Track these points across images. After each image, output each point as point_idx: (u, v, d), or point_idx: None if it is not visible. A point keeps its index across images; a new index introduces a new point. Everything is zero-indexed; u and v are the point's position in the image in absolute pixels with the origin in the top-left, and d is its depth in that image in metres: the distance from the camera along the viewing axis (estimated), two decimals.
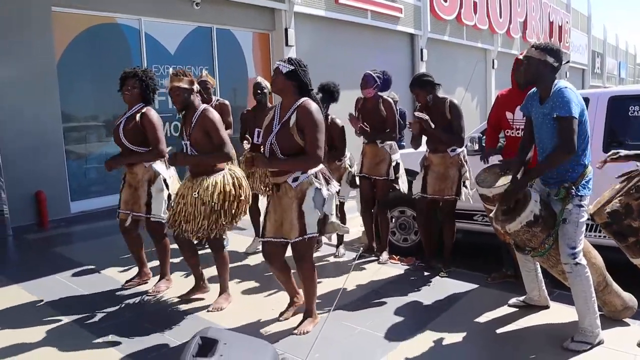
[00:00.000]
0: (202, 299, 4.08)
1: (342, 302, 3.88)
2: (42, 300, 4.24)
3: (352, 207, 5.86)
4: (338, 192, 5.05)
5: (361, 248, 5.25)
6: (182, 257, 4.27)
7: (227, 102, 5.69)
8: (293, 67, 3.24)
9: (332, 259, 5.20)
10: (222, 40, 9.66)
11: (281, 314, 3.70)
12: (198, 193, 3.67)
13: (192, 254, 4.03)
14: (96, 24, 7.92)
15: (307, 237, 3.24)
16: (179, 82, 3.73)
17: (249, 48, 10.23)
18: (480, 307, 3.83)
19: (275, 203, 3.36)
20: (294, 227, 3.24)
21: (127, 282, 4.47)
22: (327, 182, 3.35)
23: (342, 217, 5.30)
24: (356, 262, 4.83)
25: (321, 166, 3.33)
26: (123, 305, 4.06)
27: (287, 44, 10.44)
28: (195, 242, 4.07)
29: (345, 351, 3.23)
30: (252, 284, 4.46)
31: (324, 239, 5.50)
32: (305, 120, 3.16)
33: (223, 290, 3.98)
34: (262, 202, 4.44)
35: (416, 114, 4.49)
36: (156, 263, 4.48)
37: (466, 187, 4.55)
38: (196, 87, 3.84)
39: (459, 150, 4.55)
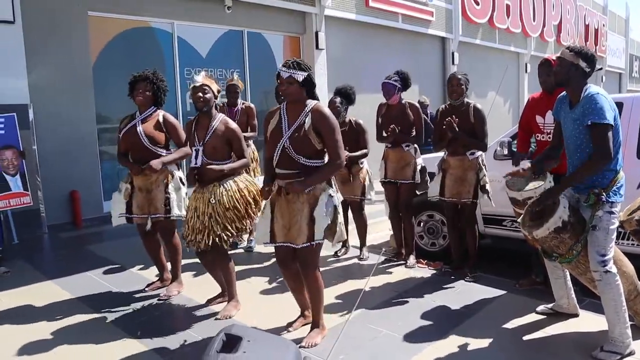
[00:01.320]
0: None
1: (368, 305, 3.89)
2: (74, 296, 4.36)
3: (381, 211, 5.85)
4: (363, 196, 5.16)
5: (383, 249, 5.23)
6: (193, 259, 4.22)
7: (252, 105, 5.76)
8: (307, 73, 3.15)
9: (356, 261, 5.20)
10: (253, 43, 9.77)
11: (289, 324, 3.59)
12: (215, 199, 3.59)
13: (213, 264, 3.91)
14: (130, 27, 8.11)
15: (315, 244, 3.17)
16: (211, 82, 3.75)
17: (280, 51, 10.31)
18: (508, 313, 3.77)
19: (282, 207, 3.26)
20: (302, 233, 3.16)
21: (147, 285, 4.46)
22: (336, 190, 3.32)
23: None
24: (380, 265, 4.82)
25: None
26: (151, 303, 4.13)
27: (317, 47, 10.49)
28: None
29: (370, 353, 3.22)
30: (276, 284, 4.49)
31: (350, 242, 5.52)
32: (322, 124, 3.12)
33: (231, 297, 3.91)
34: None
35: (446, 120, 4.43)
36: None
37: (485, 191, 4.49)
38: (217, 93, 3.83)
39: (477, 153, 4.50)
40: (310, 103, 3.18)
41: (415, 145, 4.98)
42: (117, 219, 4.23)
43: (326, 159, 3.21)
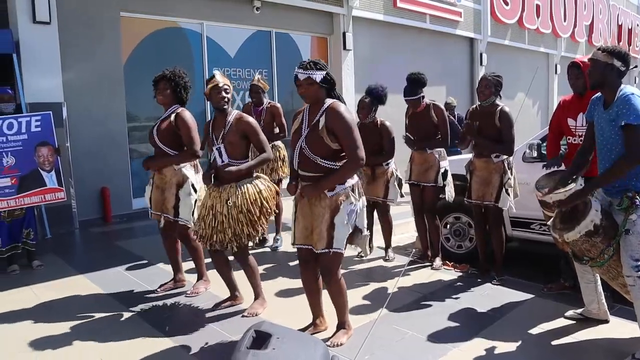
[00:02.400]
0: (241, 303, 4.02)
1: (394, 306, 3.89)
2: (104, 291, 4.46)
3: (406, 212, 5.83)
4: (386, 197, 5.16)
5: (413, 250, 5.22)
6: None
7: (278, 104, 5.80)
8: (325, 73, 3.12)
9: (381, 262, 5.20)
10: (280, 44, 9.83)
11: (302, 329, 3.46)
12: (232, 201, 3.58)
13: (225, 265, 3.92)
14: (161, 28, 8.23)
15: (332, 252, 3.11)
16: (226, 81, 3.75)
17: (307, 52, 10.35)
18: (535, 317, 3.73)
19: (304, 209, 3.22)
20: (322, 238, 3.10)
21: (160, 286, 4.42)
22: (360, 195, 3.22)
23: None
24: (408, 267, 4.81)
25: (356, 179, 3.23)
26: (179, 299, 4.20)
27: (344, 48, 10.49)
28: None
29: (396, 354, 3.22)
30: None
31: (375, 243, 5.52)
32: (335, 123, 3.05)
33: (257, 296, 3.91)
34: None
35: (465, 123, 4.41)
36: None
37: (509, 194, 4.44)
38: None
39: (503, 156, 4.45)
40: (327, 102, 3.13)
41: (441, 149, 4.96)
42: (147, 201, 4.33)
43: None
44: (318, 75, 3.08)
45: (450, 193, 4.99)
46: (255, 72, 9.14)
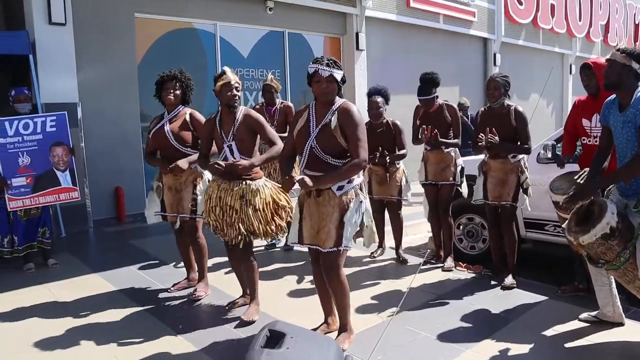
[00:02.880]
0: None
1: (406, 306, 3.87)
2: (118, 289, 4.50)
3: (419, 213, 5.82)
4: (399, 196, 5.14)
5: (429, 250, 5.20)
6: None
7: (291, 104, 5.81)
8: (343, 71, 3.14)
9: (392, 262, 5.19)
10: (293, 44, 9.84)
11: (314, 329, 3.43)
12: (246, 199, 3.55)
13: (239, 261, 3.85)
14: (174, 28, 8.29)
15: (341, 249, 3.09)
16: (236, 79, 3.70)
17: (320, 52, 10.34)
18: (549, 319, 3.70)
19: (311, 208, 3.17)
20: (330, 237, 3.08)
21: (173, 285, 4.43)
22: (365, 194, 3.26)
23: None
24: (422, 267, 4.80)
25: (362, 177, 3.22)
26: (192, 298, 4.19)
27: (357, 48, 10.49)
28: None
29: (409, 355, 3.21)
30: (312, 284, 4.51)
31: (386, 243, 5.51)
32: (347, 122, 3.05)
33: (252, 299, 3.81)
34: None
35: (490, 137, 4.37)
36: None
37: (526, 194, 4.41)
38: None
39: (520, 156, 4.42)
40: (338, 101, 3.13)
41: (455, 147, 4.95)
42: (151, 217, 4.33)
43: None
44: (338, 74, 3.09)
45: (466, 190, 5.00)
46: (268, 73, 9.16)
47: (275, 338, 2.23)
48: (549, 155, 4.59)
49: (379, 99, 5.00)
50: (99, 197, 7.22)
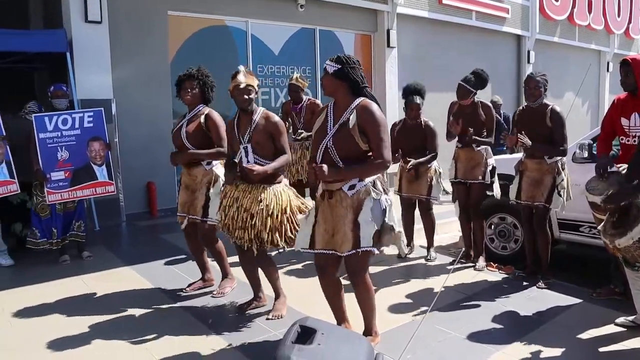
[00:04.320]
0: (264, 304, 3.93)
1: (436, 306, 3.83)
2: (150, 282, 4.59)
3: (449, 212, 5.76)
4: (429, 195, 5.09)
5: (462, 250, 5.14)
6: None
7: (318, 101, 5.85)
8: (340, 66, 2.95)
9: (422, 262, 5.15)
10: (324, 41, 9.84)
11: None
12: (264, 203, 3.45)
13: (251, 264, 3.79)
14: (207, 26, 8.37)
15: (361, 251, 2.92)
16: (252, 80, 3.59)
17: (351, 49, 10.32)
18: (583, 323, 3.63)
19: (325, 212, 3.03)
20: (346, 239, 2.92)
21: (188, 285, 4.36)
22: (385, 191, 3.03)
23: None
24: (454, 266, 4.75)
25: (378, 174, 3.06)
26: (215, 295, 4.19)
27: (388, 46, 10.42)
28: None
29: (438, 355, 3.19)
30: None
31: (416, 242, 5.47)
32: (367, 121, 2.89)
33: (278, 296, 3.80)
34: None
35: (519, 138, 4.30)
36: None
37: (561, 195, 4.31)
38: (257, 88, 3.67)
39: (556, 157, 4.32)
40: (357, 100, 2.97)
41: (487, 146, 4.88)
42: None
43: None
44: (331, 67, 2.96)
45: (497, 190, 4.91)
46: (299, 70, 9.19)
47: (306, 334, 2.24)
48: (585, 154, 4.51)
49: (419, 100, 4.98)
50: (131, 192, 7.37)
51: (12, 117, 5.39)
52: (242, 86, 3.55)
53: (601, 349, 3.26)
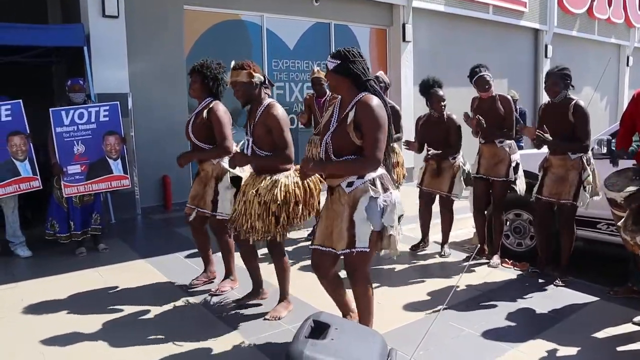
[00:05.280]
0: (260, 304, 3.89)
1: (450, 302, 3.81)
2: (164, 275, 4.63)
3: (464, 207, 5.72)
4: (450, 192, 5.05)
5: (478, 246, 5.10)
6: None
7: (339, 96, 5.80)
8: (340, 61, 2.84)
9: (437, 258, 5.13)
10: (340, 35, 9.81)
11: None
12: (258, 191, 3.39)
13: (251, 256, 3.77)
14: (222, 20, 8.40)
15: (356, 251, 2.81)
16: (237, 76, 3.47)
17: (366, 44, 10.28)
18: (600, 321, 3.58)
19: (327, 208, 2.96)
20: (342, 238, 2.82)
21: (192, 281, 4.34)
22: (386, 190, 2.85)
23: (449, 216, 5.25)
24: (463, 263, 4.72)
25: (382, 171, 2.89)
26: (213, 293, 4.16)
27: (404, 40, 10.36)
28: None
29: (451, 351, 3.17)
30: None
31: (431, 237, 5.44)
32: (363, 117, 2.74)
33: (283, 297, 3.72)
34: None
35: (537, 132, 4.24)
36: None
37: (586, 191, 4.25)
38: (258, 79, 3.48)
39: (580, 153, 4.25)
40: (360, 95, 2.83)
41: (511, 141, 4.81)
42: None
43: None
44: (331, 64, 2.87)
45: (521, 186, 4.84)
46: (314, 64, 9.16)
47: (319, 329, 2.24)
48: (604, 150, 4.43)
49: (441, 92, 4.96)
50: (146, 185, 7.43)
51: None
52: (227, 85, 3.56)
53: (619, 348, 3.22)
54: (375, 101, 2.78)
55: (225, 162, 3.99)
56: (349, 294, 3.10)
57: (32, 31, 6.24)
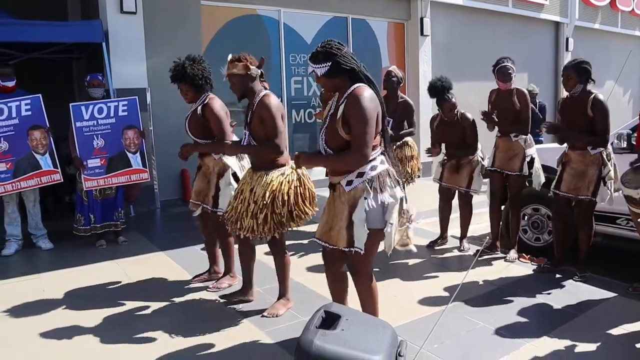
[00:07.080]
0: (250, 300, 3.86)
1: (465, 296, 3.82)
2: (183, 268, 4.68)
3: (482, 202, 5.69)
4: (468, 187, 5.02)
5: (488, 238, 5.07)
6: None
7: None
8: (329, 63, 2.75)
9: (455, 252, 5.11)
10: (357, 29, 9.77)
11: None
12: (254, 190, 3.36)
13: (245, 253, 3.75)
14: (239, 15, 8.42)
15: (354, 251, 2.75)
16: (233, 68, 3.43)
17: (384, 38, 10.23)
18: (618, 317, 3.53)
19: (329, 203, 2.89)
20: (341, 236, 2.76)
21: (194, 277, 4.34)
22: (387, 189, 2.74)
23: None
24: (479, 258, 4.69)
25: (383, 167, 2.78)
26: (211, 289, 4.16)
27: (422, 34, 10.28)
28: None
29: (465, 345, 3.16)
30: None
31: (450, 231, 5.42)
32: (351, 110, 2.65)
33: (282, 295, 3.68)
34: None
35: (545, 124, 4.20)
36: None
37: (608, 187, 4.18)
38: (254, 72, 3.43)
39: (600, 148, 4.18)
40: (352, 87, 2.74)
41: (527, 136, 4.76)
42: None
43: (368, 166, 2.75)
44: (320, 69, 2.78)
45: (538, 180, 4.79)
46: None
47: (330, 319, 2.26)
48: (624, 145, 4.37)
49: (453, 100, 4.92)
50: (165, 179, 7.51)
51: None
52: (224, 79, 3.54)
53: (638, 345, 3.17)
54: (366, 93, 2.69)
55: (226, 158, 3.98)
56: (349, 293, 3.07)
57: (52, 28, 6.34)
